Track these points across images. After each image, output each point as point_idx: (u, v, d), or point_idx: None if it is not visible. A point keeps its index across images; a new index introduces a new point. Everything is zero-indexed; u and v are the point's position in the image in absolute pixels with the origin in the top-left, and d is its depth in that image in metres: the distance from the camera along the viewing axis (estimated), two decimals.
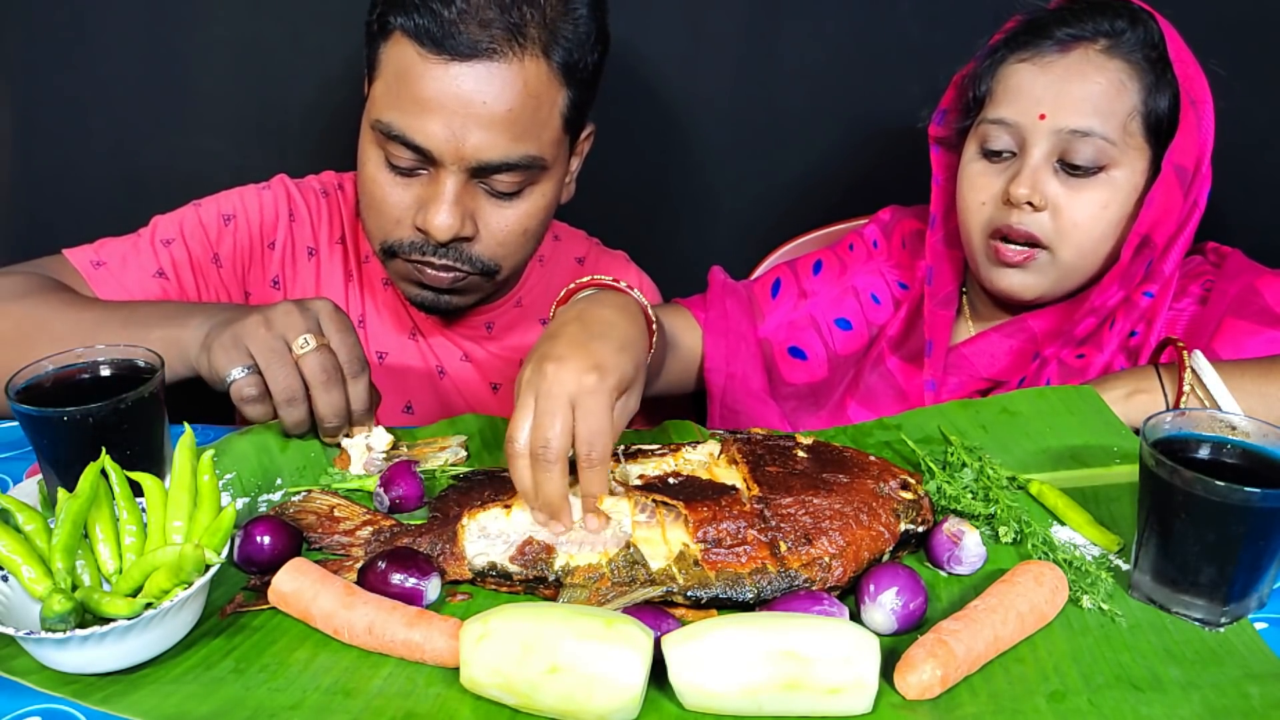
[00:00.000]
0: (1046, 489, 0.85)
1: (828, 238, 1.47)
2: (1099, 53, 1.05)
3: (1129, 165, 1.06)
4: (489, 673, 0.62)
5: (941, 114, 1.19)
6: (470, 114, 1.00)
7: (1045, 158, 1.06)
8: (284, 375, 0.88)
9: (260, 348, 0.88)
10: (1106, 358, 1.11)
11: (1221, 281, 1.10)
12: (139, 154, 1.55)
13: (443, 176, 1.03)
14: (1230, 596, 0.70)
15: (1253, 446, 0.74)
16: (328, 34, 1.49)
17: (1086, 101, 1.04)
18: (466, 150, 1.01)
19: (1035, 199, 1.05)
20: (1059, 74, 1.05)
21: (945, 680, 0.64)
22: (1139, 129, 1.05)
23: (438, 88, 0.99)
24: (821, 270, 1.31)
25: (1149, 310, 1.11)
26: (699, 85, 1.54)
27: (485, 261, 1.09)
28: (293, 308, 0.90)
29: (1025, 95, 1.07)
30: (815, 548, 0.73)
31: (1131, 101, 1.05)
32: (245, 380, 0.88)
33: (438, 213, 1.03)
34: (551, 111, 1.05)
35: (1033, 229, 1.07)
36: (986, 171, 1.11)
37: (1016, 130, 1.07)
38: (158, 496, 0.73)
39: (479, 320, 1.25)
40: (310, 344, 0.88)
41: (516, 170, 1.04)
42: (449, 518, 0.79)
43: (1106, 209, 1.06)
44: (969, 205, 1.13)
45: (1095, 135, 1.03)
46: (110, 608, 0.65)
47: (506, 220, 1.07)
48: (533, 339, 1.27)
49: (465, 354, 1.24)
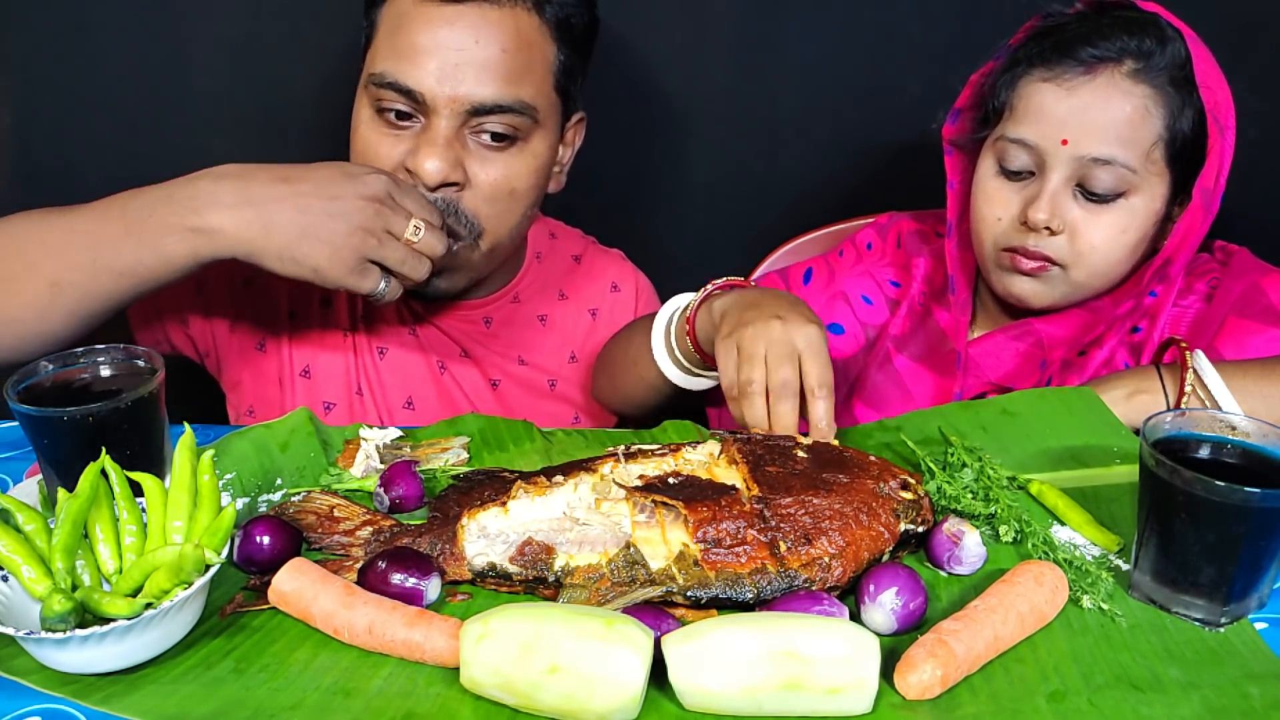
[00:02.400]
0: (1046, 489, 0.85)
1: (827, 239, 1.47)
2: (1125, 76, 1.02)
3: (1149, 192, 1.04)
4: (489, 673, 0.62)
5: (956, 114, 1.17)
6: (463, 55, 1.02)
7: (1065, 182, 1.04)
8: (419, 266, 0.99)
9: (391, 257, 0.97)
10: (1106, 353, 1.11)
11: (1227, 279, 1.10)
12: (139, 154, 1.55)
13: (434, 122, 1.04)
14: (1230, 596, 0.70)
15: (1253, 446, 0.74)
16: (328, 33, 1.49)
17: (1110, 130, 1.02)
18: (460, 91, 1.02)
19: (1054, 224, 1.04)
20: (1084, 99, 1.02)
21: (945, 680, 0.64)
22: (1161, 155, 1.04)
23: (431, 30, 1.02)
24: (812, 279, 1.32)
25: (1153, 307, 1.11)
26: (697, 83, 1.54)
27: (472, 220, 1.08)
28: (376, 204, 0.96)
29: (1047, 118, 1.04)
30: (815, 548, 0.73)
31: (1155, 129, 1.02)
32: (393, 288, 0.99)
33: (428, 156, 1.04)
34: (544, 65, 1.07)
35: (1048, 251, 1.06)
36: (1003, 188, 1.09)
37: (1037, 152, 1.05)
38: (158, 496, 0.73)
39: (477, 315, 1.25)
40: (422, 229, 0.99)
41: (508, 114, 1.05)
42: (449, 518, 0.79)
43: (1124, 234, 1.05)
44: (984, 218, 1.11)
45: (1117, 164, 1.02)
46: (110, 608, 0.65)
47: (495, 173, 1.07)
48: (532, 334, 1.27)
49: (465, 350, 1.24)
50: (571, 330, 1.31)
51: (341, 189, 0.96)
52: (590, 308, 1.32)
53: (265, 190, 0.95)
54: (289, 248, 0.94)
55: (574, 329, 1.31)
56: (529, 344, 1.28)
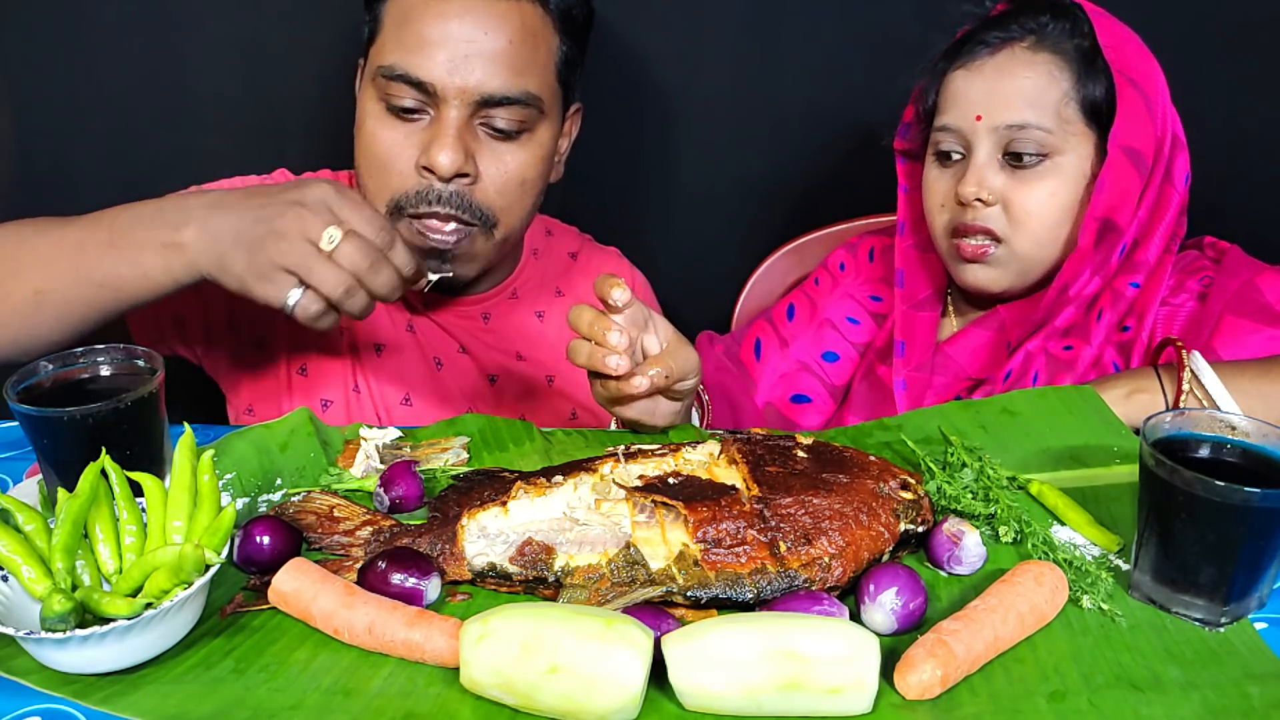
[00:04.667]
0: (1046, 489, 0.85)
1: (827, 239, 1.47)
2: (1025, 49, 1.11)
3: (1073, 151, 1.10)
4: (489, 673, 0.62)
5: (905, 128, 1.25)
6: (472, 46, 1.03)
7: (989, 155, 1.11)
8: (331, 276, 0.87)
9: (296, 261, 0.87)
10: (1095, 350, 1.12)
11: (1221, 278, 1.10)
12: (138, 154, 1.55)
13: (444, 113, 1.05)
14: (1230, 596, 0.70)
15: (1252, 446, 0.74)
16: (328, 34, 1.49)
17: (1018, 97, 1.09)
18: (470, 82, 1.04)
19: (983, 195, 1.11)
20: (990, 75, 1.11)
21: (945, 680, 0.64)
22: (1076, 115, 1.09)
23: (441, 22, 1.03)
24: (795, 315, 1.36)
25: (1138, 303, 1.11)
26: (695, 82, 1.54)
27: (485, 211, 1.09)
28: (299, 208, 0.87)
29: (963, 100, 1.13)
30: (815, 548, 0.73)
31: (1062, 89, 1.09)
32: (305, 300, 0.88)
33: (441, 148, 1.04)
34: (548, 55, 1.09)
35: (987, 223, 1.12)
36: (941, 176, 1.17)
37: (960, 134, 1.13)
38: (158, 496, 0.73)
39: (476, 311, 1.25)
40: (337, 236, 0.87)
41: (516, 106, 1.06)
42: (449, 518, 0.79)
43: (1055, 196, 1.10)
44: (931, 209, 1.19)
45: (1031, 126, 1.08)
46: (110, 608, 0.65)
47: (505, 165, 1.09)
48: (530, 330, 1.28)
49: (463, 345, 1.24)
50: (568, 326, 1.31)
51: (281, 195, 0.90)
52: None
53: (229, 202, 0.91)
54: (224, 255, 0.89)
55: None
56: (527, 340, 1.28)
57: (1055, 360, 1.13)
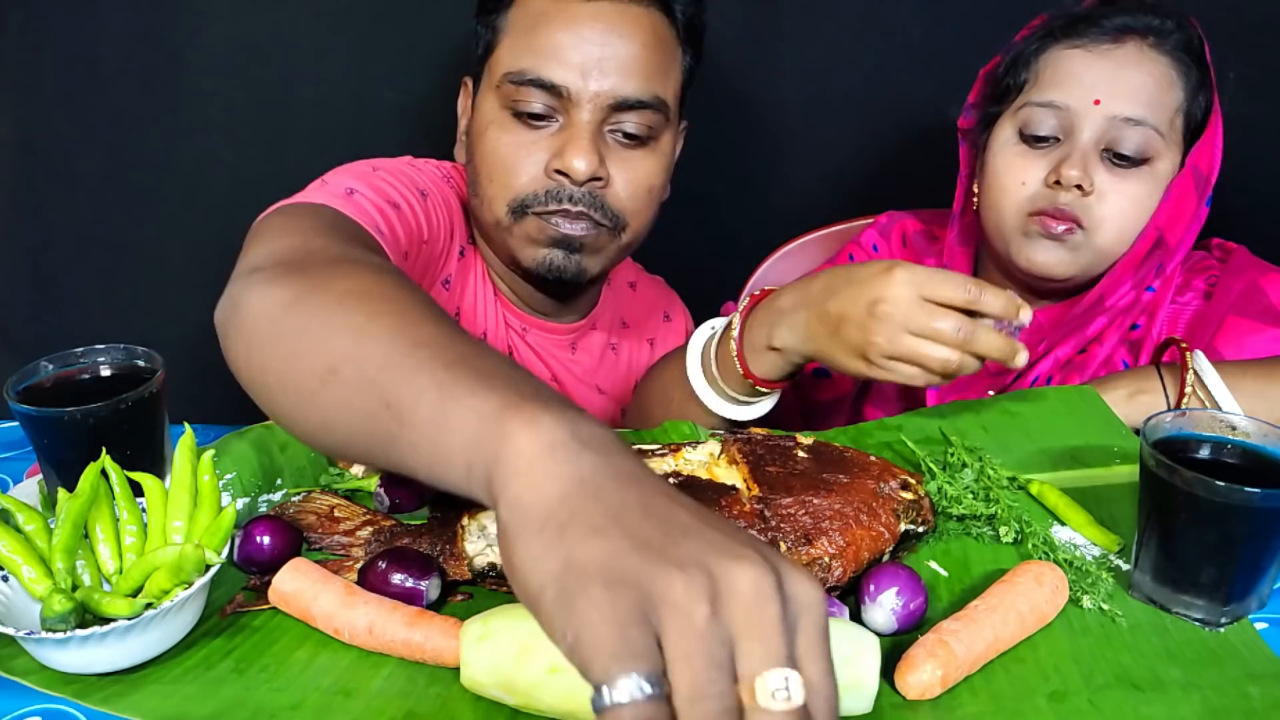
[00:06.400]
0: (1047, 489, 0.85)
1: (827, 239, 1.47)
2: (1150, 46, 1.06)
3: (1168, 160, 1.06)
4: (489, 673, 0.62)
5: (969, 108, 1.18)
6: (606, 51, 1.02)
7: (1094, 144, 1.06)
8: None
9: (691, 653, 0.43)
10: (1107, 350, 1.11)
11: (1226, 277, 1.10)
12: (139, 154, 1.55)
13: (577, 117, 1.03)
14: (1230, 596, 0.70)
15: (1253, 446, 0.74)
16: (328, 34, 1.49)
17: (1141, 92, 1.04)
18: (605, 86, 1.02)
19: (1086, 183, 1.05)
20: (1116, 61, 1.05)
21: (945, 680, 0.64)
22: (1181, 126, 1.06)
23: (574, 27, 1.02)
24: None
25: (1150, 303, 1.11)
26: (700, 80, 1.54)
27: (616, 213, 1.07)
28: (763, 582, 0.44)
29: (1078, 81, 1.06)
30: (815, 548, 0.73)
31: (1178, 98, 1.06)
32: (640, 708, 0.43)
33: (578, 151, 1.02)
34: (674, 65, 1.09)
35: (1078, 212, 1.06)
36: (1027, 154, 1.09)
37: (1066, 114, 1.06)
38: (158, 496, 0.73)
39: (565, 341, 1.24)
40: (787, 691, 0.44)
41: (648, 110, 1.05)
42: (449, 518, 0.79)
43: (1140, 202, 1.06)
44: (1005, 187, 1.10)
45: (1147, 125, 1.04)
46: (110, 608, 0.65)
47: (635, 171, 1.07)
48: (606, 365, 1.27)
49: (555, 375, 1.23)
50: (635, 359, 1.31)
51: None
52: (648, 337, 1.33)
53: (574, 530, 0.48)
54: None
55: (637, 358, 1.31)
56: (605, 373, 1.27)
57: (1070, 362, 1.12)
